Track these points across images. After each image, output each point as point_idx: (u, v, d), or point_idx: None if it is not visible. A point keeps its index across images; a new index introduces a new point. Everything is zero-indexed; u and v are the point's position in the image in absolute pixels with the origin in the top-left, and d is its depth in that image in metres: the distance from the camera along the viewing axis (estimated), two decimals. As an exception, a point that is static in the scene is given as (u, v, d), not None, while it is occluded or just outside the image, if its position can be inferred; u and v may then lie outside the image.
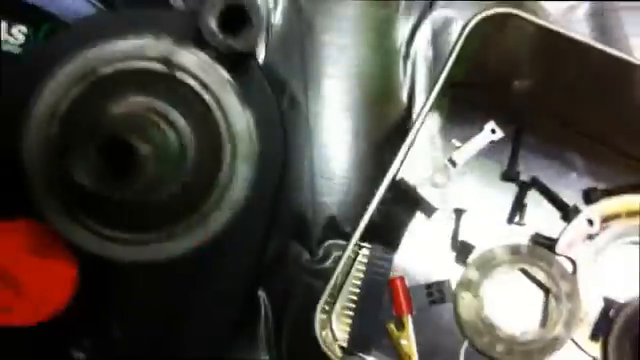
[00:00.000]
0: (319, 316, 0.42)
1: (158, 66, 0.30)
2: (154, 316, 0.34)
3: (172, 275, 0.34)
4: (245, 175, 0.31)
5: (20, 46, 0.45)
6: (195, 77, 0.30)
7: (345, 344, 0.48)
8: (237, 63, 0.30)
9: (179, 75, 0.30)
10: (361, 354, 0.48)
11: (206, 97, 0.30)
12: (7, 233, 0.32)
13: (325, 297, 0.41)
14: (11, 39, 0.45)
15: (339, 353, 0.44)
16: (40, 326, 0.32)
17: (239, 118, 0.30)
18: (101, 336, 0.32)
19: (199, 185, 0.30)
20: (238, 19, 0.29)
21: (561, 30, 0.42)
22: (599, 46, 0.41)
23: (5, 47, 0.45)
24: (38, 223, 0.32)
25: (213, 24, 0.29)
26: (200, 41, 0.30)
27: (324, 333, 0.44)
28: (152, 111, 0.29)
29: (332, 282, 0.42)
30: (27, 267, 0.32)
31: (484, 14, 0.41)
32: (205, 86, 0.30)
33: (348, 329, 0.49)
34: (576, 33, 0.42)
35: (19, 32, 0.45)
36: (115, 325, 0.33)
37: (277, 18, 0.55)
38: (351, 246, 0.42)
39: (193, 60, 0.30)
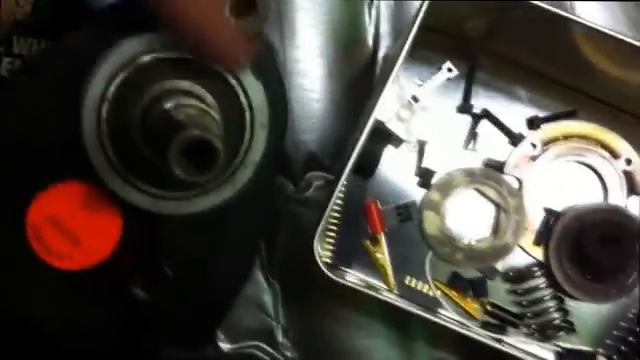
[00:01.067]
0: (317, 241, 0.49)
1: (188, 54, 0.36)
2: (194, 257, 0.42)
3: (206, 222, 0.41)
4: (262, 139, 0.37)
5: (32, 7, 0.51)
6: None
7: (329, 260, 0.57)
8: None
9: (205, 60, 0.36)
10: (344, 268, 0.57)
11: (229, 77, 0.36)
12: (64, 193, 0.39)
13: (322, 224, 0.48)
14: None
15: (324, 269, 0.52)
16: (100, 269, 0.39)
17: (256, 92, 0.37)
18: (157, 276, 0.39)
19: (228, 150, 0.36)
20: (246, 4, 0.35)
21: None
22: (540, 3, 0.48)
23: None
24: (87, 184, 0.39)
25: (227, 12, 0.35)
26: None
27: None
28: (190, 94, 0.35)
29: (327, 212, 0.48)
30: (81, 221, 0.39)
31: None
32: (227, 68, 0.36)
33: (330, 247, 0.57)
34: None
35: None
36: (166, 266, 0.40)
37: (252, -27, 0.60)
38: (342, 181, 0.48)
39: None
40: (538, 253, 0.56)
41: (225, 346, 0.60)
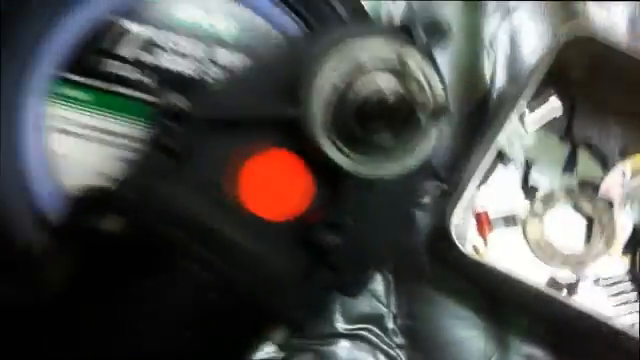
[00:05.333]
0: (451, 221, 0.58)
1: (394, 56, 0.45)
2: (366, 213, 0.49)
3: (380, 189, 0.49)
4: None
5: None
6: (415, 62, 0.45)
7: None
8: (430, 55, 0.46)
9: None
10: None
11: (421, 78, 0.45)
12: (268, 159, 0.48)
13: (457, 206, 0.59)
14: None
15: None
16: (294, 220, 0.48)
17: (434, 79, 0.46)
18: (339, 225, 0.46)
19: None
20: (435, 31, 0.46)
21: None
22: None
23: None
24: (287, 151, 0.48)
25: (422, 33, 0.46)
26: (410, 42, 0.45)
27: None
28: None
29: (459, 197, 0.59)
30: (280, 182, 0.48)
31: (565, 39, 0.60)
32: (421, 69, 0.45)
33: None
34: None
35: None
36: (347, 217, 0.47)
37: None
38: (466, 189, 0.59)
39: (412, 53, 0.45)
40: (626, 262, 0.65)
41: (341, 326, 0.67)
